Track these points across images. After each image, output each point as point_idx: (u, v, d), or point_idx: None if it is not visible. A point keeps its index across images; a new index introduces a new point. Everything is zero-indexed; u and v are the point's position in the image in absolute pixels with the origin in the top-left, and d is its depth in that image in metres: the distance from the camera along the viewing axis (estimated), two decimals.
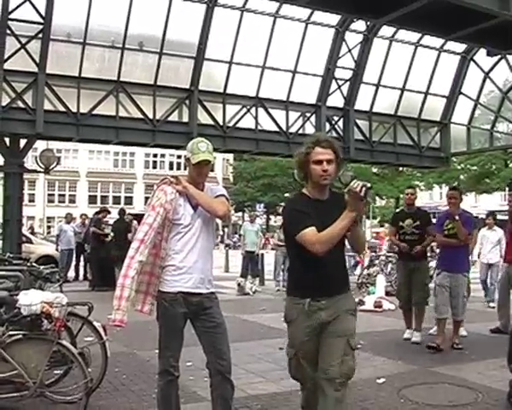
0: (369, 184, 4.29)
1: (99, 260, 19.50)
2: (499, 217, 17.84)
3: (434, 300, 10.37)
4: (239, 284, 18.93)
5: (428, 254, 12.26)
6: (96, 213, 21.63)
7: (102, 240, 20.02)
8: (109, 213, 21.49)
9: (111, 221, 20.95)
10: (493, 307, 14.23)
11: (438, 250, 12.44)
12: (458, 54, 22.22)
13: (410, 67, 21.60)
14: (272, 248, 28.11)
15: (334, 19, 19.59)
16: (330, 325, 4.63)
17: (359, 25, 19.99)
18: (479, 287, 16.46)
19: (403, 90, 22.12)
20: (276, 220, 72.42)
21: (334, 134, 20.76)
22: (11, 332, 5.87)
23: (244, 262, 21.08)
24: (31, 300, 5.92)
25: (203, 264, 5.20)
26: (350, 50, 20.43)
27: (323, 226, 4.45)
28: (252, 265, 20.99)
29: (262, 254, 22.64)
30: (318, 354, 4.66)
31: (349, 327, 4.70)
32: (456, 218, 9.98)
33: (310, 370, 4.72)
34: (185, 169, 5.93)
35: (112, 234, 19.62)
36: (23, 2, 15.44)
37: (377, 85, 21.59)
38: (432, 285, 10.94)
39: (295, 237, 4.53)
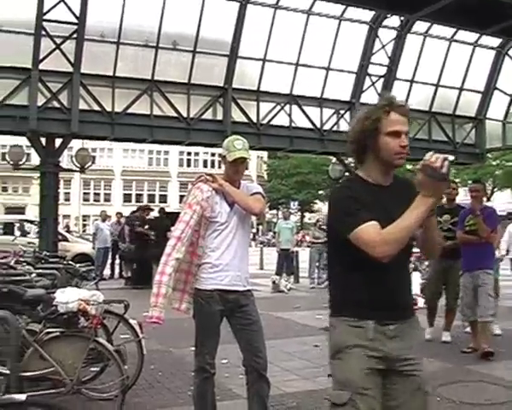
0: (451, 157, 3.11)
1: (139, 258, 19.39)
2: None
3: (460, 302, 10.01)
4: (274, 282, 18.88)
5: None
6: (138, 210, 21.46)
7: (146, 239, 19.59)
8: (152, 210, 21.44)
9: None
10: None
11: None
12: (493, 48, 21.98)
13: (444, 63, 21.40)
14: (307, 246, 28.04)
15: (367, 15, 19.51)
16: (403, 376, 3.32)
17: (393, 21, 19.89)
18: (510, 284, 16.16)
19: (437, 85, 21.94)
20: (311, 218, 72.22)
21: None
22: (48, 330, 5.91)
23: (279, 260, 20.98)
24: (67, 297, 5.94)
25: (239, 261, 5.19)
26: (383, 46, 20.30)
27: (388, 222, 3.18)
28: (287, 262, 20.92)
29: (297, 252, 22.56)
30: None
31: (426, 374, 3.44)
32: (478, 213, 9.37)
33: None
34: (219, 167, 5.90)
35: (152, 233, 19.51)
36: (57, 3, 15.64)
37: (411, 81, 21.42)
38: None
39: (348, 235, 3.23)
